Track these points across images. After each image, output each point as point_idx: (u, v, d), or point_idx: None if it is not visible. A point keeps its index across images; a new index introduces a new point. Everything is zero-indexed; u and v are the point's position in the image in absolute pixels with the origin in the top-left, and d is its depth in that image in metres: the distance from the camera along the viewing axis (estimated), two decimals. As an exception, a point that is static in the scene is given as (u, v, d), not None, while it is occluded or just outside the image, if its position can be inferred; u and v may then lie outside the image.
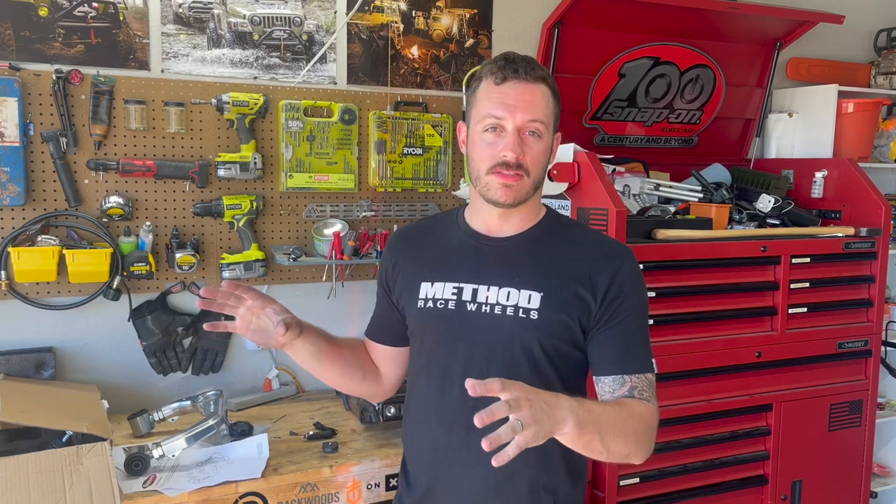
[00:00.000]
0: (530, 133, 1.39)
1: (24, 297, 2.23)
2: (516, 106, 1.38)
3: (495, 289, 1.43)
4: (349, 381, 1.61)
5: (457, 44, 2.75)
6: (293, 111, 2.49)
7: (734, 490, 2.53)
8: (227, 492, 1.83)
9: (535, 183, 1.42)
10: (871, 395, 2.74)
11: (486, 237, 1.49)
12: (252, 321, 1.46)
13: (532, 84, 1.39)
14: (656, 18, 2.81)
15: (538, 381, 1.38)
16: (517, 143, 1.38)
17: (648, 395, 1.41)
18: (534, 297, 1.41)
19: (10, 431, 1.86)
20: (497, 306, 1.42)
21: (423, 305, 1.49)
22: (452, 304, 1.46)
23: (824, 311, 2.64)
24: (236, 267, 2.42)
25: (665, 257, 2.35)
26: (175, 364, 2.43)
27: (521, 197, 1.41)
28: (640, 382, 1.41)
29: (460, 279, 1.47)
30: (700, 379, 2.43)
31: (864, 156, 3.20)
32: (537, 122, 1.39)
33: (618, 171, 2.73)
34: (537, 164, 1.41)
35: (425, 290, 1.49)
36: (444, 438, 1.47)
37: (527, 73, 1.39)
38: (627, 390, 1.40)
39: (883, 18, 3.57)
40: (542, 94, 1.40)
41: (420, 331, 1.53)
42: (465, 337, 1.45)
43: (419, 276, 1.51)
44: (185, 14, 2.36)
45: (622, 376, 1.40)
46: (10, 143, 2.14)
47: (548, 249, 1.46)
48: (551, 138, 1.44)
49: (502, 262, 1.46)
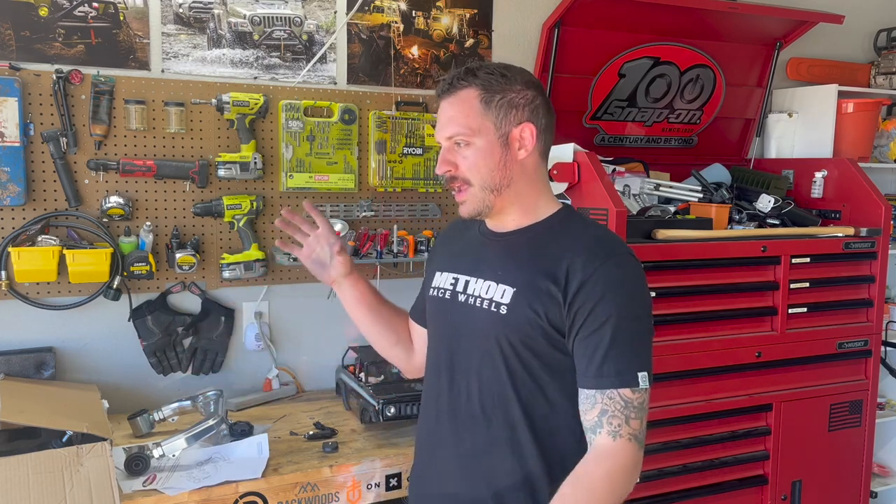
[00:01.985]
0: (457, 144, 1.43)
1: (24, 297, 2.23)
2: (441, 124, 1.45)
3: (481, 281, 1.46)
4: (382, 340, 1.71)
5: (457, 44, 2.75)
6: (293, 111, 2.49)
7: (734, 490, 2.53)
8: (227, 492, 1.83)
9: (485, 188, 1.42)
10: (871, 395, 2.74)
11: (491, 232, 1.52)
12: (315, 250, 1.63)
13: (450, 97, 1.43)
14: (656, 18, 2.81)
15: (508, 375, 1.41)
16: (444, 160, 1.44)
17: (619, 423, 1.29)
18: (507, 292, 1.41)
19: (10, 431, 1.86)
20: (478, 298, 1.45)
21: (433, 294, 1.56)
22: (448, 294, 1.51)
23: (824, 311, 2.65)
24: (236, 267, 2.42)
25: (665, 257, 2.35)
26: (175, 364, 2.43)
27: (477, 206, 1.44)
28: (613, 404, 1.30)
29: (460, 270, 1.52)
30: (700, 379, 2.43)
31: (864, 156, 3.20)
32: (458, 134, 1.42)
33: (618, 171, 2.73)
34: (475, 170, 1.41)
35: (437, 279, 1.56)
36: (432, 425, 1.53)
37: (448, 89, 1.43)
38: (597, 415, 1.31)
39: (883, 18, 3.57)
40: (463, 101, 1.41)
41: (428, 317, 1.61)
42: (453, 326, 1.49)
43: (438, 265, 1.59)
44: (186, 14, 2.36)
45: (595, 394, 1.32)
46: (10, 143, 2.14)
47: (539, 245, 1.43)
48: (495, 136, 1.40)
49: (494, 255, 1.48)
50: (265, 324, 2.55)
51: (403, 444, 2.13)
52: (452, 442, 1.47)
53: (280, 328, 2.59)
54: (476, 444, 1.44)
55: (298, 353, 2.62)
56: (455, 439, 1.47)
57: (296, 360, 2.62)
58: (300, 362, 2.63)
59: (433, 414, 1.53)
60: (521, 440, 1.41)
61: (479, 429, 1.44)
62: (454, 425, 1.47)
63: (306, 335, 2.62)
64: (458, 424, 1.47)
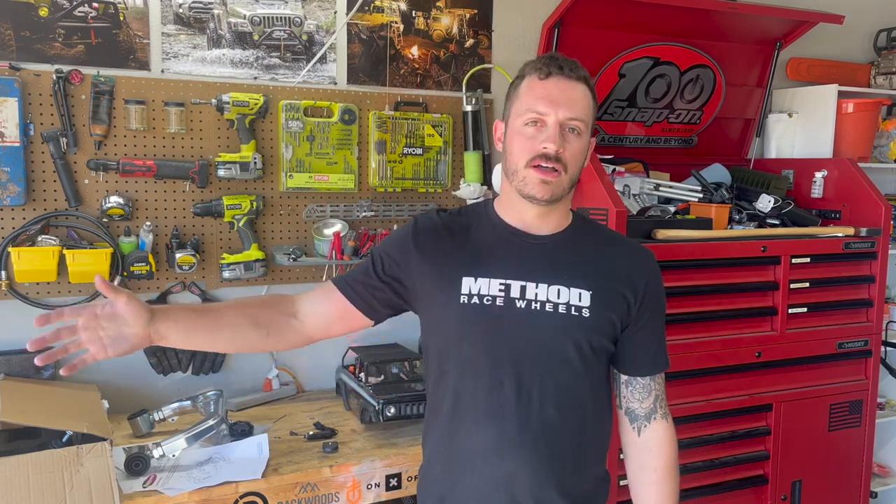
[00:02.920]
0: (570, 130, 1.41)
1: (24, 297, 2.23)
2: (559, 101, 1.40)
3: (544, 286, 1.43)
4: (247, 342, 1.49)
5: (457, 44, 2.75)
6: (293, 111, 2.49)
7: (734, 490, 2.53)
8: (227, 492, 1.83)
9: (571, 181, 1.44)
10: (871, 395, 2.74)
11: (527, 234, 1.48)
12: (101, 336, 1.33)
13: (575, 82, 1.42)
14: (656, 18, 2.81)
15: (587, 376, 1.45)
16: (558, 136, 1.39)
17: (665, 403, 1.55)
18: (584, 296, 1.43)
19: (10, 431, 1.86)
20: (548, 304, 1.42)
21: (468, 301, 1.43)
22: (501, 301, 1.42)
23: (824, 311, 2.65)
24: (236, 267, 2.42)
25: (665, 257, 2.34)
26: (175, 364, 2.43)
27: (557, 193, 1.42)
28: (659, 386, 1.54)
29: (506, 275, 1.44)
30: (700, 379, 2.43)
31: (864, 156, 3.20)
32: (578, 119, 1.41)
33: (618, 171, 2.73)
34: (575, 161, 1.42)
35: (468, 285, 1.44)
36: (495, 433, 1.42)
37: (571, 71, 1.42)
38: (652, 401, 1.53)
39: (883, 18, 3.57)
40: (584, 94, 1.43)
41: (463, 326, 1.45)
42: (513, 334, 1.42)
43: (458, 270, 1.45)
44: (185, 14, 2.36)
45: (649, 381, 1.53)
46: (10, 143, 2.14)
47: (586, 248, 1.51)
48: (588, 139, 1.46)
49: (547, 259, 1.46)
50: (265, 324, 2.55)
51: (403, 444, 2.12)
52: (530, 452, 1.41)
53: (280, 328, 2.58)
54: (554, 451, 1.42)
55: (298, 353, 2.61)
56: (535, 448, 1.42)
57: (296, 360, 2.62)
58: (300, 362, 2.62)
59: (491, 422, 1.43)
60: (592, 441, 1.50)
61: (555, 434, 1.42)
62: (525, 436, 1.41)
63: (306, 335, 2.62)
64: (531, 434, 1.41)
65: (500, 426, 1.41)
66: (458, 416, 1.46)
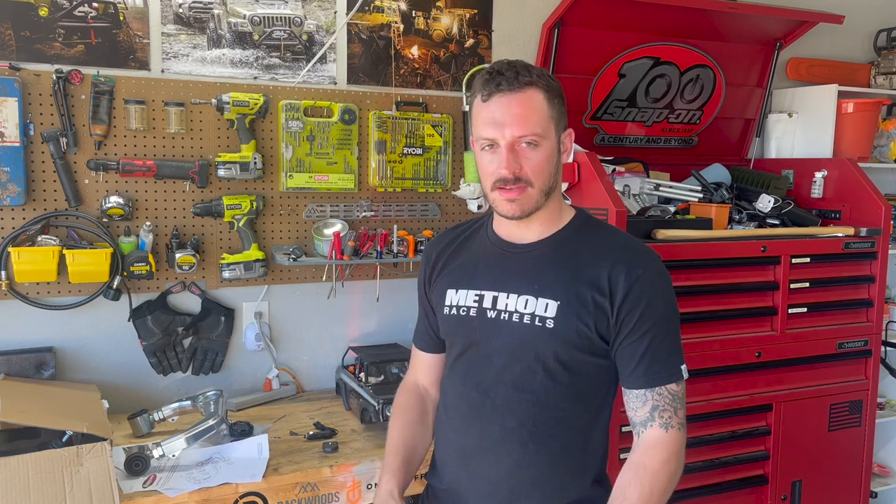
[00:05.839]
0: (525, 144, 1.38)
1: (24, 297, 2.23)
2: (504, 122, 1.37)
3: (514, 296, 1.44)
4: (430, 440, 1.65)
5: (457, 44, 2.75)
6: (293, 111, 2.49)
7: (734, 490, 2.53)
8: (226, 492, 1.83)
9: (542, 191, 1.41)
10: (870, 395, 2.74)
11: (510, 244, 1.50)
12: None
13: (518, 94, 1.37)
14: (656, 18, 2.81)
15: (552, 390, 1.42)
16: (511, 160, 1.38)
17: (669, 415, 1.40)
18: (550, 306, 1.41)
19: (10, 431, 1.86)
20: (515, 314, 1.43)
21: (449, 312, 1.53)
22: (474, 312, 1.48)
23: (824, 311, 2.65)
24: (236, 267, 2.42)
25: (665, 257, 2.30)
26: (175, 364, 2.43)
27: (528, 208, 1.42)
28: (662, 399, 1.41)
29: (482, 286, 1.49)
30: (700, 379, 2.43)
31: (863, 156, 3.20)
32: (529, 134, 1.37)
33: (618, 171, 2.73)
34: (539, 173, 1.40)
35: (450, 297, 1.53)
36: (463, 440, 1.51)
37: (510, 85, 1.37)
38: (648, 411, 1.41)
39: (883, 18, 3.57)
40: (532, 101, 1.38)
41: (448, 337, 1.58)
42: (485, 344, 1.47)
43: (448, 283, 1.55)
44: (185, 14, 2.36)
45: (645, 392, 1.41)
46: (10, 143, 2.14)
47: (569, 255, 1.46)
48: (555, 140, 1.42)
49: (523, 269, 1.47)
50: (265, 324, 2.55)
51: (403, 444, 2.12)
52: (492, 459, 1.46)
53: (280, 328, 2.59)
54: (518, 460, 1.44)
55: (298, 353, 2.62)
56: (493, 457, 1.46)
57: (296, 360, 2.62)
58: (300, 362, 2.63)
59: (462, 429, 1.51)
60: (565, 449, 1.45)
61: (518, 444, 1.44)
62: (490, 442, 1.46)
63: (306, 335, 2.62)
64: (496, 441, 1.45)
65: (466, 432, 1.50)
66: (448, 416, 1.57)
